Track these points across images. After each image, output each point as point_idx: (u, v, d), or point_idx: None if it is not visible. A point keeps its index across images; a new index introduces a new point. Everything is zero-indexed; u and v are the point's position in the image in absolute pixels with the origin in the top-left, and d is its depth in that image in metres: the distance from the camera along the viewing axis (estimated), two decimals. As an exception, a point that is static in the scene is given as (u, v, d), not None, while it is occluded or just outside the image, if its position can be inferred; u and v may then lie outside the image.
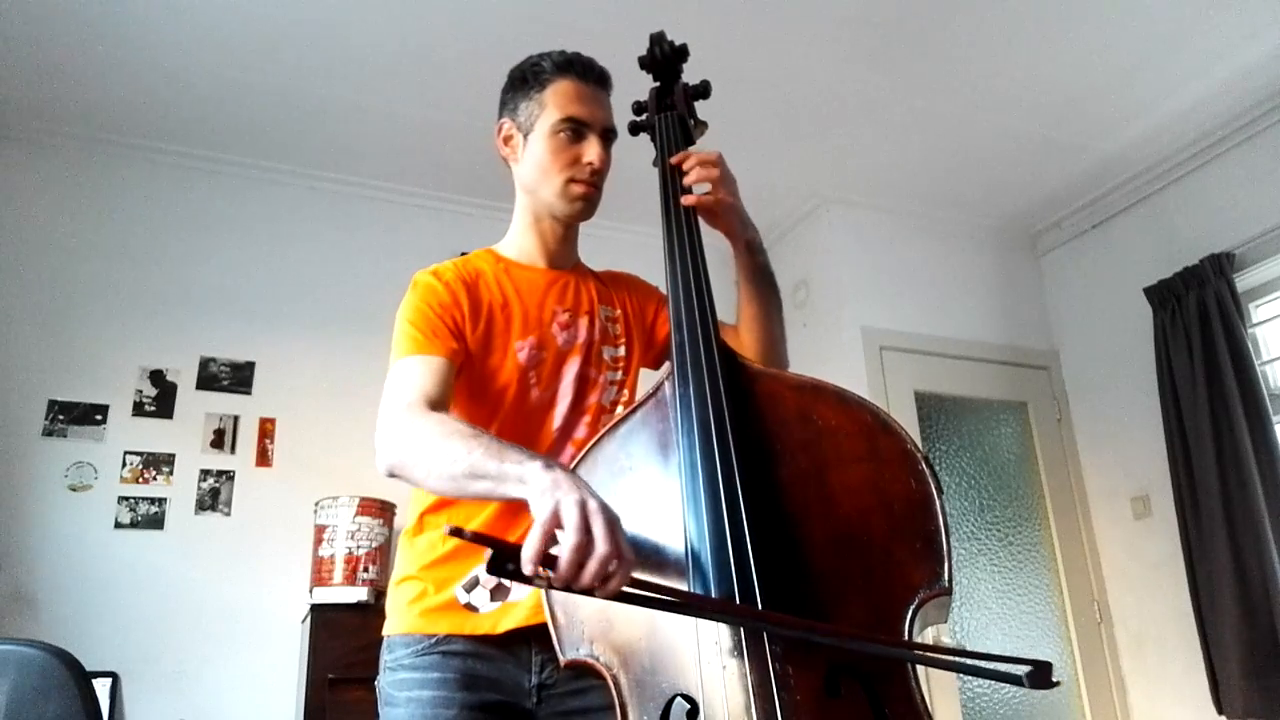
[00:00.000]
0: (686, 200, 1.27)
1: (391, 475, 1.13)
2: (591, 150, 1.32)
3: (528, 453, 1.00)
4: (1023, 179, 3.71)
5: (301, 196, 3.48)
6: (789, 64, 2.98)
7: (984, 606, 3.45)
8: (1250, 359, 3.07)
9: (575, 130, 1.32)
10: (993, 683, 3.35)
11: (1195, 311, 3.22)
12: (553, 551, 0.86)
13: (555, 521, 0.87)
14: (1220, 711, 3.00)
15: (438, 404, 1.16)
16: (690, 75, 1.48)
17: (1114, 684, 3.53)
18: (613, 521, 0.88)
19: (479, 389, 1.28)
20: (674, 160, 1.32)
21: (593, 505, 0.88)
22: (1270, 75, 3.07)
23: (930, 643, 0.93)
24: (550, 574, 0.85)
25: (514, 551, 0.85)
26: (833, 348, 3.63)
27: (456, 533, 0.85)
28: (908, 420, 3.55)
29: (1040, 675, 0.79)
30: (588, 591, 0.86)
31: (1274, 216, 3.15)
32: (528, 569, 0.84)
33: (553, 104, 1.33)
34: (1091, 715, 3.45)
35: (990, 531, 3.59)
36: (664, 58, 1.44)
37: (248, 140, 3.29)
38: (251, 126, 3.22)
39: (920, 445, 1.01)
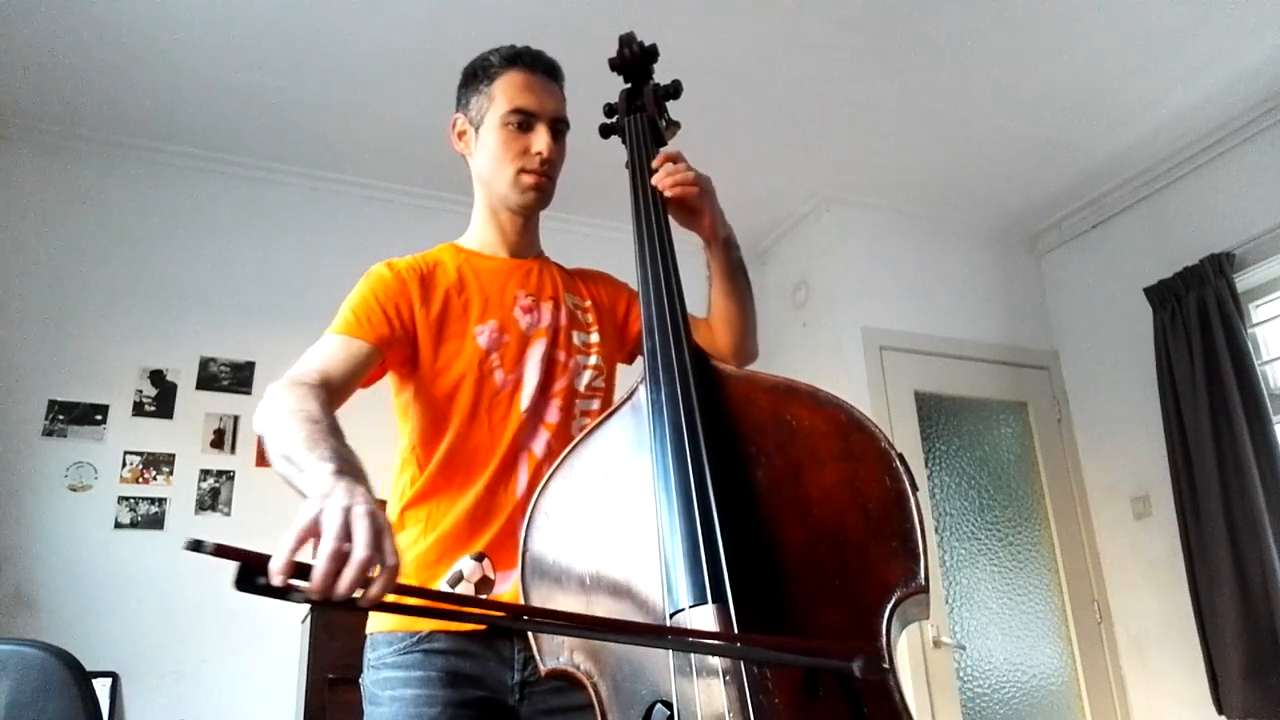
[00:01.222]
0: (669, 192, 1.27)
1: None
2: (540, 140, 1.33)
3: (335, 455, 0.95)
4: (1023, 179, 3.71)
5: (301, 196, 3.48)
6: (789, 65, 2.98)
7: (984, 606, 3.45)
8: (1250, 359, 3.07)
9: (523, 121, 1.34)
10: (991, 686, 3.36)
11: (1195, 311, 3.22)
12: (309, 561, 0.78)
13: (313, 529, 0.80)
14: (1220, 711, 3.00)
15: (334, 383, 1.17)
16: (689, 77, 1.47)
17: (1114, 684, 3.53)
18: (379, 529, 0.80)
19: (440, 378, 1.28)
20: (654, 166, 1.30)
21: (359, 510, 0.81)
22: (1270, 76, 3.07)
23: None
24: (305, 585, 0.77)
25: (264, 563, 0.76)
26: (833, 348, 3.63)
27: (195, 546, 0.75)
28: (908, 420, 3.55)
29: (871, 665, 0.76)
30: (349, 603, 0.78)
31: (1274, 216, 3.15)
32: (276, 580, 0.75)
33: (501, 95, 1.35)
34: (1091, 715, 3.45)
35: (990, 531, 3.59)
36: (633, 58, 1.43)
37: (247, 140, 3.30)
38: (251, 126, 3.22)
39: (902, 444, 1.00)
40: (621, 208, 1.38)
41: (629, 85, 1.46)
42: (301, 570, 0.76)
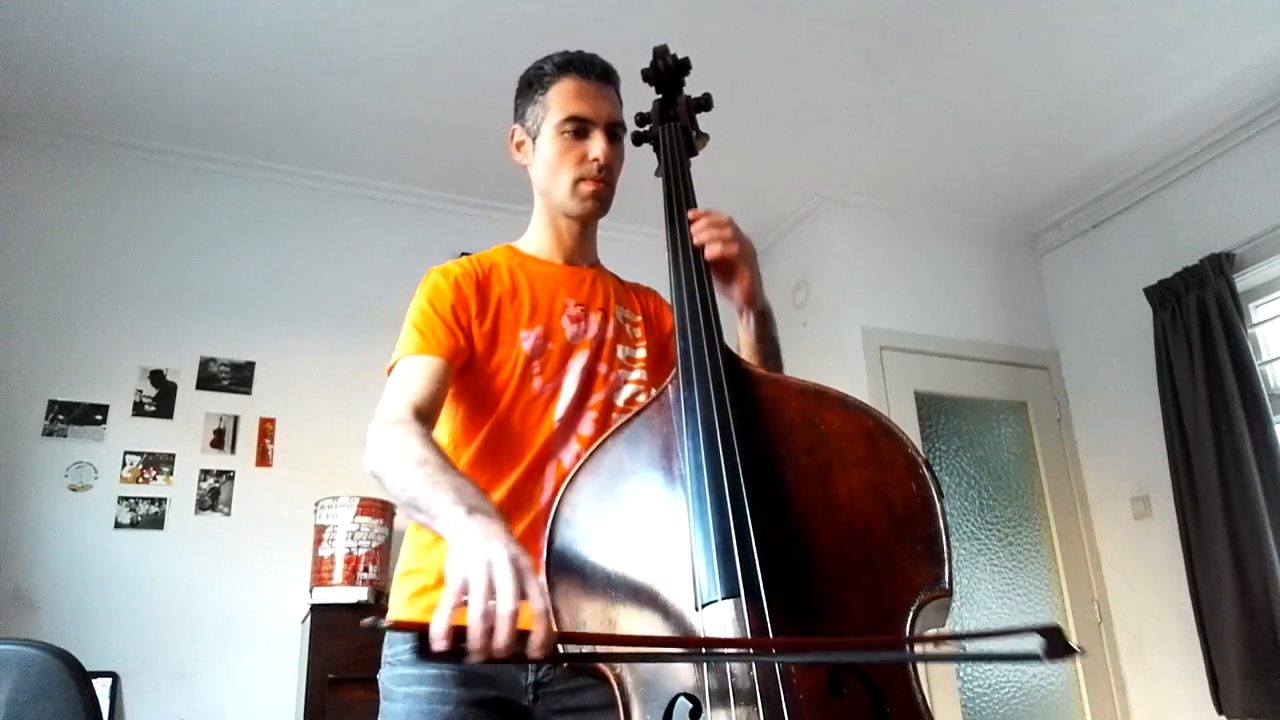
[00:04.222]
0: (708, 252, 1.23)
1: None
2: (596, 146, 1.32)
3: (459, 493, 0.99)
4: (1023, 179, 3.71)
5: (301, 196, 3.48)
6: (789, 64, 2.98)
7: (984, 606, 3.45)
8: (1250, 359, 3.08)
9: (579, 129, 1.33)
10: (991, 686, 3.35)
11: (1195, 311, 3.22)
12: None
13: (462, 589, 0.83)
14: (1220, 711, 3.00)
15: (425, 410, 1.18)
16: (691, 77, 1.48)
17: (1114, 684, 3.53)
18: (520, 574, 0.84)
19: (485, 380, 1.29)
20: (691, 216, 1.27)
21: (499, 559, 0.84)
22: (1270, 75, 3.08)
23: (932, 636, 0.93)
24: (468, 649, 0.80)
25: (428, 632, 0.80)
26: (833, 348, 3.63)
27: (372, 626, 0.80)
28: (908, 420, 3.55)
29: (1055, 646, 0.74)
30: (519, 658, 0.81)
31: (1274, 216, 3.15)
32: (438, 645, 0.79)
33: (555, 105, 1.34)
34: (1091, 715, 3.45)
35: (990, 531, 3.59)
36: (667, 71, 1.44)
37: (248, 140, 3.29)
38: (251, 126, 3.22)
39: (920, 449, 1.01)
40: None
41: (661, 96, 1.47)
42: (462, 632, 0.79)
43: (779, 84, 3.07)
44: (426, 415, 1.19)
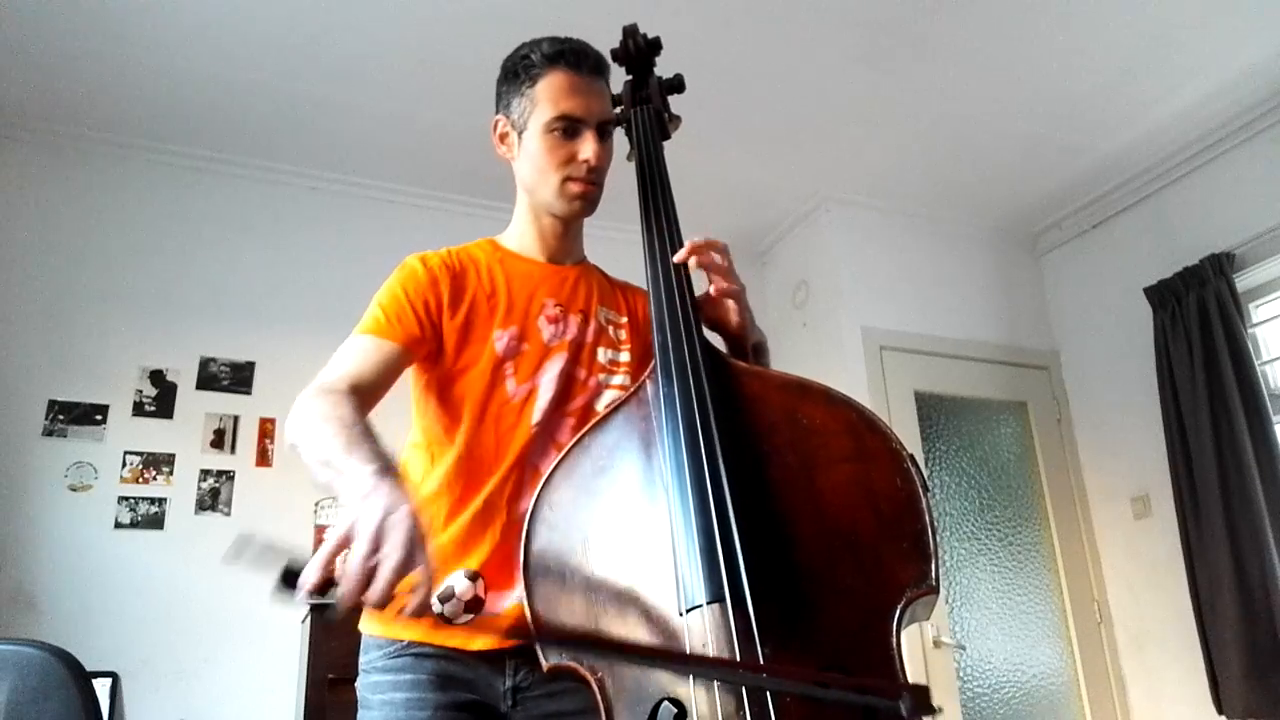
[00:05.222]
0: (714, 290, 1.21)
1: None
2: (587, 147, 1.25)
3: (376, 456, 0.95)
4: (1023, 179, 3.71)
5: (301, 196, 3.48)
6: (790, 64, 2.98)
7: (984, 606, 3.45)
8: (1250, 359, 3.08)
9: (569, 127, 1.26)
10: (991, 686, 3.36)
11: (1195, 311, 3.22)
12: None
13: (349, 536, 0.81)
14: (1220, 711, 3.00)
15: (363, 388, 1.13)
16: (689, 76, 1.46)
17: (1114, 684, 3.53)
18: (415, 538, 0.82)
19: (453, 377, 1.25)
20: (683, 254, 1.22)
21: (395, 516, 0.82)
22: (1270, 76, 3.07)
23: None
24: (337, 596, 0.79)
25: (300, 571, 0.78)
26: (833, 348, 3.63)
27: (242, 543, 0.80)
28: (908, 420, 3.55)
29: (920, 703, 0.76)
30: (379, 606, 0.79)
31: (1274, 216, 3.15)
32: (309, 576, 0.77)
33: (545, 100, 1.26)
34: (1091, 715, 3.45)
35: (990, 531, 3.59)
36: (638, 51, 1.41)
37: (248, 140, 3.29)
38: (251, 126, 3.22)
39: (906, 444, 0.99)
40: (616, 207, 1.37)
41: (632, 77, 1.43)
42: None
43: (779, 84, 3.07)
44: (364, 394, 1.13)
